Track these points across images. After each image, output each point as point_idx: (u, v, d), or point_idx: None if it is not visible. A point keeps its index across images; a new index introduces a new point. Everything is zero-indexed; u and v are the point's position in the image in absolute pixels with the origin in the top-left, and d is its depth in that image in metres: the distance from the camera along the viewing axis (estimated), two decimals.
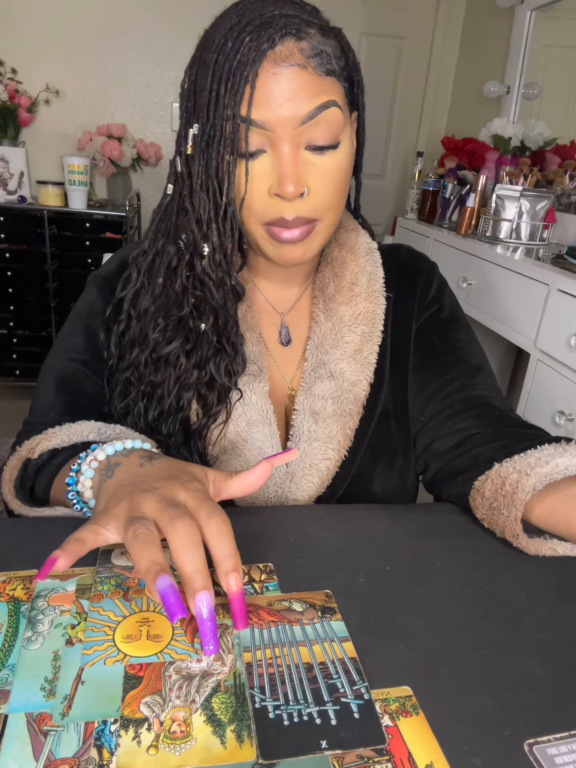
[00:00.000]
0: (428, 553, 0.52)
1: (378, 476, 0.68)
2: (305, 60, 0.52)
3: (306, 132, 0.54)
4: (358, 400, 0.67)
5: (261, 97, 0.52)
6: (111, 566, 0.46)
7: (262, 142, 0.54)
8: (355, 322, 0.67)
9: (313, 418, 0.65)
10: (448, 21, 2.92)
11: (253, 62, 0.51)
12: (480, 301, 1.71)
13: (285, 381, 0.69)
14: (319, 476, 0.65)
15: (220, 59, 0.52)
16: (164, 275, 0.62)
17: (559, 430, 1.28)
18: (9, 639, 0.39)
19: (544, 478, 0.52)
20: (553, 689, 0.38)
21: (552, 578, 0.50)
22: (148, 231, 0.64)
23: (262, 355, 0.67)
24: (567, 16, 2.24)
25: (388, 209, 3.18)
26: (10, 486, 0.55)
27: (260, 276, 0.70)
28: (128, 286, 0.64)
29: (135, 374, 0.64)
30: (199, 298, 0.61)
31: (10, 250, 2.56)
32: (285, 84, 0.51)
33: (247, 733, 0.33)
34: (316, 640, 0.40)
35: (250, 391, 0.64)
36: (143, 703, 0.35)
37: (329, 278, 0.68)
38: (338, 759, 0.32)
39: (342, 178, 0.58)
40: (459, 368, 0.69)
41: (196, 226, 0.58)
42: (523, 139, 2.17)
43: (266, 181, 0.55)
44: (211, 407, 0.63)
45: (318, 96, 0.53)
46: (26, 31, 2.65)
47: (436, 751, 0.33)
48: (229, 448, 0.64)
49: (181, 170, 0.58)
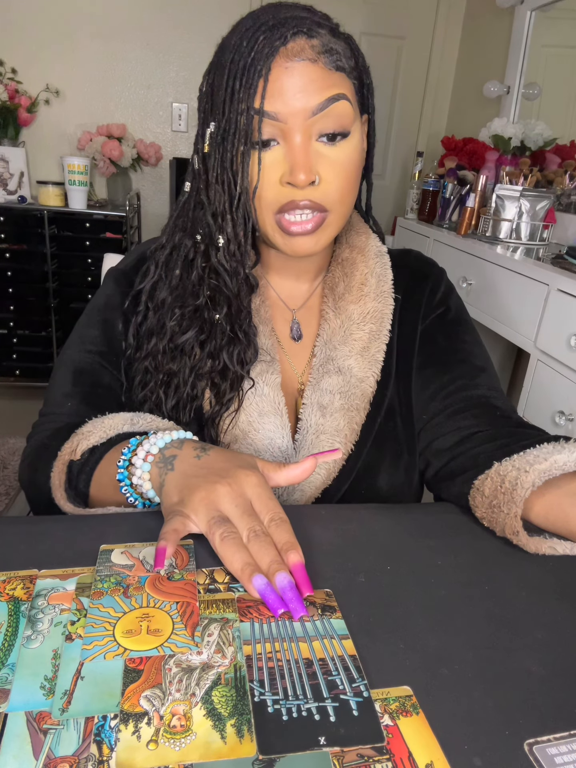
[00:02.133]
0: (428, 553, 0.52)
1: (384, 472, 0.70)
2: (316, 55, 0.55)
3: (317, 123, 0.56)
4: (365, 396, 0.68)
5: (274, 90, 0.54)
6: (111, 565, 0.46)
7: (274, 133, 0.56)
8: (364, 321, 0.69)
9: (320, 412, 0.67)
10: (448, 21, 2.93)
11: (266, 57, 0.53)
12: (480, 301, 1.71)
13: (296, 375, 0.71)
14: (326, 468, 0.67)
15: (235, 58, 0.55)
16: (181, 267, 0.65)
17: (559, 430, 1.28)
18: (9, 638, 0.39)
19: (542, 474, 0.52)
20: (553, 689, 0.38)
21: (552, 578, 0.50)
22: (166, 227, 0.66)
23: (274, 347, 0.68)
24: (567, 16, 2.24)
25: (388, 209, 3.18)
26: (61, 491, 0.56)
27: (273, 272, 0.71)
28: (146, 279, 0.67)
29: (153, 363, 0.66)
30: (214, 289, 0.63)
31: (10, 250, 2.56)
32: (297, 77, 0.54)
33: (247, 728, 0.33)
34: (316, 636, 0.40)
35: (262, 382, 0.66)
36: (143, 696, 0.35)
37: (339, 278, 0.70)
38: (338, 758, 0.32)
39: (352, 170, 0.60)
40: (462, 368, 0.69)
41: (212, 219, 0.61)
42: (523, 139, 2.17)
43: (278, 170, 0.57)
44: (224, 395, 0.64)
45: (328, 89, 0.55)
46: (26, 31, 2.65)
47: (436, 751, 0.33)
48: (240, 437, 0.66)
49: (198, 167, 0.61)
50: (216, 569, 0.46)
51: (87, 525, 0.53)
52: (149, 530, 0.51)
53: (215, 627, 0.40)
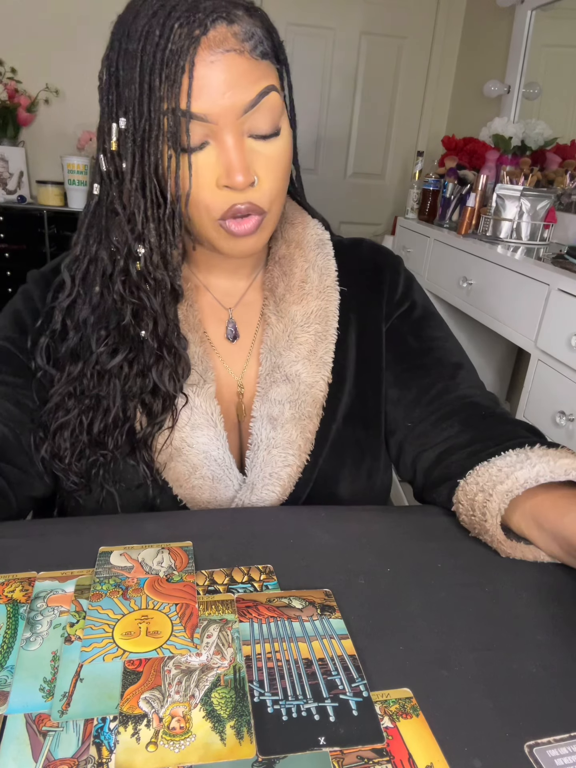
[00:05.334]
0: (428, 555, 0.52)
1: (343, 480, 0.67)
2: (240, 44, 0.50)
3: (248, 120, 0.52)
4: (317, 401, 0.65)
5: (200, 88, 0.49)
6: (110, 567, 0.46)
7: (204, 134, 0.51)
8: (308, 322, 0.65)
9: (271, 425, 0.64)
10: (448, 21, 2.92)
11: (187, 50, 0.48)
12: (480, 301, 1.71)
13: (233, 378, 0.67)
14: (281, 484, 0.64)
15: (147, 48, 0.48)
16: (101, 284, 0.58)
17: (559, 430, 1.28)
18: (8, 640, 0.38)
19: (505, 496, 0.52)
20: (553, 690, 0.38)
21: (551, 580, 0.50)
22: (77, 236, 0.60)
23: (207, 354, 0.64)
24: (567, 16, 2.24)
25: (389, 209, 3.18)
26: None
27: (205, 271, 0.67)
28: (61, 295, 0.60)
29: (78, 388, 0.60)
30: (137, 305, 0.58)
31: (9, 250, 2.55)
32: (224, 72, 0.49)
33: (246, 729, 0.33)
34: (316, 636, 0.40)
35: (194, 395, 0.62)
36: (142, 698, 0.35)
37: (278, 277, 0.66)
38: (338, 759, 0.32)
39: (287, 164, 0.57)
40: (439, 369, 0.67)
41: (128, 227, 0.54)
42: (524, 138, 2.17)
43: (213, 173, 0.53)
44: (157, 415, 0.60)
45: (258, 82, 0.51)
46: (26, 31, 2.64)
47: (436, 753, 0.33)
48: (174, 454, 0.62)
49: (107, 169, 0.54)
50: (215, 571, 0.46)
51: (86, 527, 0.53)
52: (148, 532, 0.51)
53: (214, 628, 0.40)
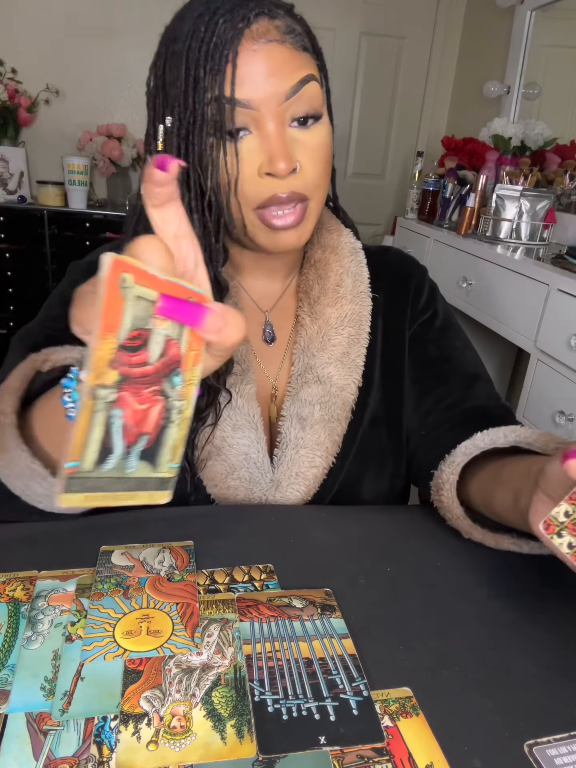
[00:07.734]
0: (428, 555, 0.52)
1: (367, 483, 0.67)
2: (282, 36, 0.52)
3: (290, 108, 0.53)
4: (347, 404, 0.65)
5: (243, 75, 0.51)
6: (111, 566, 0.46)
7: (246, 122, 0.52)
8: (342, 324, 0.66)
9: (300, 425, 0.64)
10: (448, 21, 2.92)
11: (231, 41, 0.50)
12: (480, 301, 1.71)
13: (269, 380, 0.68)
14: (306, 484, 0.64)
15: (193, 45, 0.51)
16: None
17: (559, 430, 1.28)
18: (9, 639, 0.39)
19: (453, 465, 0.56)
20: (553, 690, 0.38)
21: (552, 579, 0.50)
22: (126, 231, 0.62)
23: (248, 355, 0.65)
24: (567, 16, 2.24)
25: (388, 209, 3.18)
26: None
27: (243, 272, 0.67)
28: None
29: None
30: None
31: (10, 250, 2.56)
32: (266, 60, 0.51)
33: (247, 728, 0.33)
34: (316, 636, 0.40)
35: (236, 394, 0.63)
36: (143, 697, 0.35)
37: (313, 280, 0.67)
38: (339, 759, 0.32)
39: (327, 153, 0.57)
40: (456, 379, 0.68)
41: None
42: (523, 138, 2.17)
43: (255, 161, 0.53)
44: (201, 410, 0.60)
45: (298, 70, 0.53)
46: (26, 31, 2.64)
47: (436, 752, 0.33)
48: (213, 452, 0.63)
49: None
50: (216, 570, 0.46)
51: (87, 526, 0.53)
52: (150, 532, 0.51)
53: (215, 628, 0.40)
